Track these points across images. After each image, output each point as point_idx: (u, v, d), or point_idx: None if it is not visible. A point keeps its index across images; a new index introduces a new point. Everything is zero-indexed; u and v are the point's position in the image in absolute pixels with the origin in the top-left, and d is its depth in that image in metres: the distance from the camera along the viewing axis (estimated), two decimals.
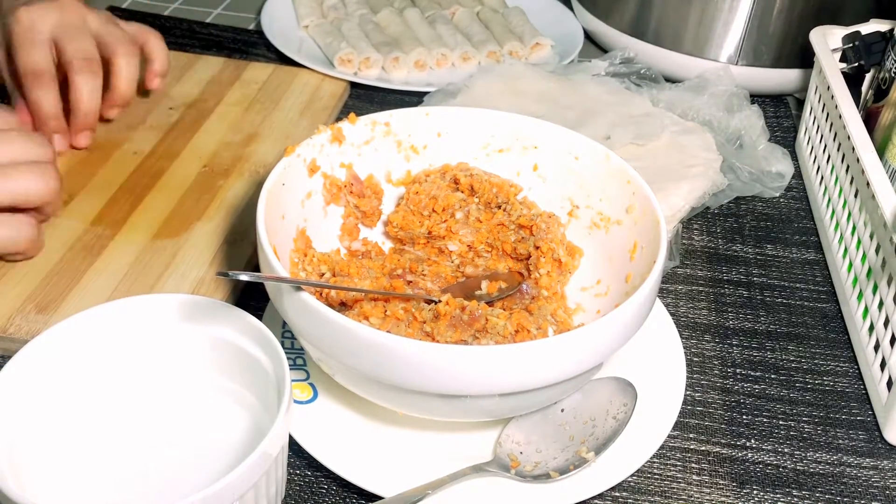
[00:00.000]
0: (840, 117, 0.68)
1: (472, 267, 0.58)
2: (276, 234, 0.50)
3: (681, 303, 0.65)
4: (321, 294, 0.49)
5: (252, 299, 0.61)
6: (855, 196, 0.65)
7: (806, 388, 0.59)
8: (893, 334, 0.55)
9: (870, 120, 0.69)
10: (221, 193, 0.69)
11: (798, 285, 0.67)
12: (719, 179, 0.71)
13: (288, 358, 0.47)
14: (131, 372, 0.49)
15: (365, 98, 0.86)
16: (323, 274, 0.52)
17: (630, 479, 0.52)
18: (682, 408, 0.56)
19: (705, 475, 0.52)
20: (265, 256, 0.46)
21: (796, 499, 0.51)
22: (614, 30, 0.93)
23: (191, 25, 0.96)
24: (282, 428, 0.42)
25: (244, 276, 0.42)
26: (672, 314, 0.62)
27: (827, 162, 0.73)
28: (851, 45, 0.75)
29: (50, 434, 0.45)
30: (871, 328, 0.59)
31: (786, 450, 0.54)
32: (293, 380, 0.52)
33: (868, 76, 0.75)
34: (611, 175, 0.56)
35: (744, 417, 0.56)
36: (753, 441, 0.55)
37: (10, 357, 0.44)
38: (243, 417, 0.49)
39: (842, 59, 0.75)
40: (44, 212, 0.59)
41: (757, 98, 0.85)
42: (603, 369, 0.51)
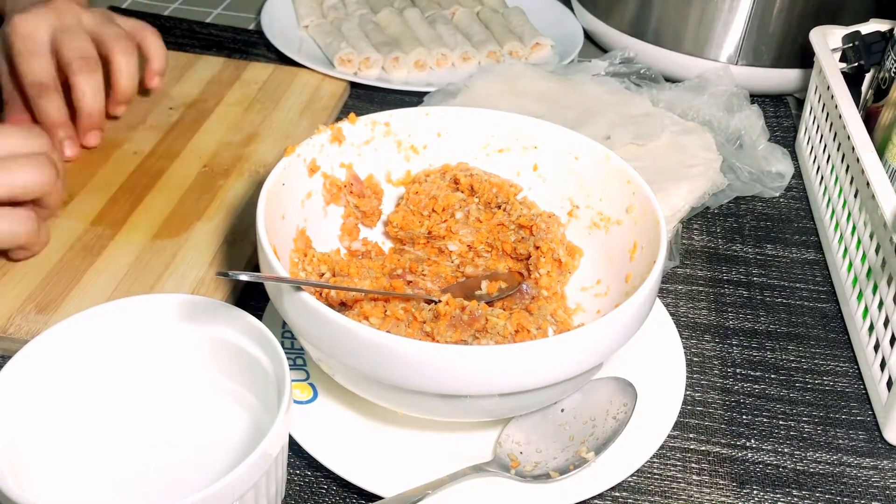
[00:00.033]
0: (840, 117, 0.67)
1: (472, 267, 0.58)
2: (276, 234, 0.50)
3: (681, 303, 0.65)
4: (321, 294, 0.49)
5: (252, 299, 0.61)
6: (855, 196, 0.65)
7: (806, 388, 0.59)
8: (893, 334, 0.55)
9: (870, 120, 0.69)
10: (221, 193, 0.69)
11: (798, 285, 0.67)
12: (719, 179, 0.71)
13: (288, 358, 0.47)
14: (131, 372, 0.49)
15: (365, 98, 0.86)
16: (323, 274, 0.52)
17: (630, 479, 0.52)
18: (682, 408, 0.56)
19: (705, 475, 0.52)
20: (265, 256, 0.46)
21: (796, 499, 0.51)
22: (614, 30, 0.93)
23: (191, 25, 0.96)
24: (282, 428, 0.42)
25: (244, 276, 0.42)
26: (672, 314, 0.62)
27: (827, 162, 0.73)
28: (851, 45, 0.75)
29: (50, 434, 0.45)
30: (871, 328, 0.59)
31: (786, 450, 0.54)
32: (293, 380, 0.52)
33: (868, 76, 0.75)
34: (611, 175, 0.56)
35: (744, 417, 0.56)
36: (753, 441, 0.55)
37: (10, 357, 0.44)
38: (243, 417, 0.49)
39: (842, 59, 0.75)
40: (45, 205, 0.59)
41: (757, 98, 0.85)
42: (603, 369, 0.51)
